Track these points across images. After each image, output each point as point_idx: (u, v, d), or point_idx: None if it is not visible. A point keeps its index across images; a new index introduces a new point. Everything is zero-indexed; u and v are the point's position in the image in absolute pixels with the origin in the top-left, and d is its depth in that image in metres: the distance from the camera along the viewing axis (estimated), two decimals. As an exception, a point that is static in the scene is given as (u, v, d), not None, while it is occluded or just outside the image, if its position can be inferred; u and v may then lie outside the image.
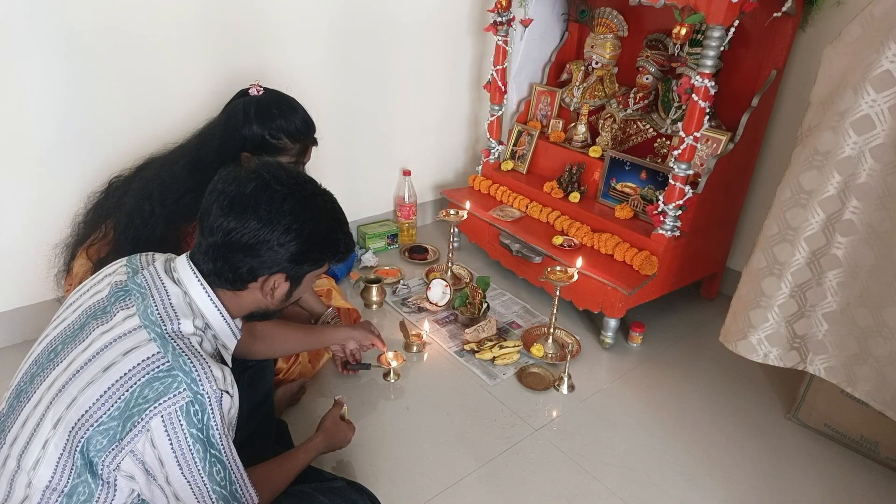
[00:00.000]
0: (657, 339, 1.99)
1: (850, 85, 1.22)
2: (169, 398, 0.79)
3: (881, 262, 1.28)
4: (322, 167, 2.28)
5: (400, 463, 1.46)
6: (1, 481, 0.83)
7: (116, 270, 0.96)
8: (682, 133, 1.70)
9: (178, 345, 0.84)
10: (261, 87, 1.41)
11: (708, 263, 2.13)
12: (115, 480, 0.80)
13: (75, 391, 0.81)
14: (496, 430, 1.57)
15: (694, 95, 1.65)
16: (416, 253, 2.49)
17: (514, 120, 2.56)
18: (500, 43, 2.26)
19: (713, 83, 1.63)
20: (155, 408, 0.78)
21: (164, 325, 0.85)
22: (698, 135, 1.70)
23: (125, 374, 0.80)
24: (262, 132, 1.37)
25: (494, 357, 1.82)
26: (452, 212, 2.17)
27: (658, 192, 1.93)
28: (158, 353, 0.82)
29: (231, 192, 0.89)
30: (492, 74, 2.33)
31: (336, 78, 2.21)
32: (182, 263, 0.95)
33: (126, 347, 0.83)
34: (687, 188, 1.77)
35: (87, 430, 0.78)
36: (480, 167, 2.51)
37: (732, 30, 1.57)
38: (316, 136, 1.48)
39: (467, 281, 2.25)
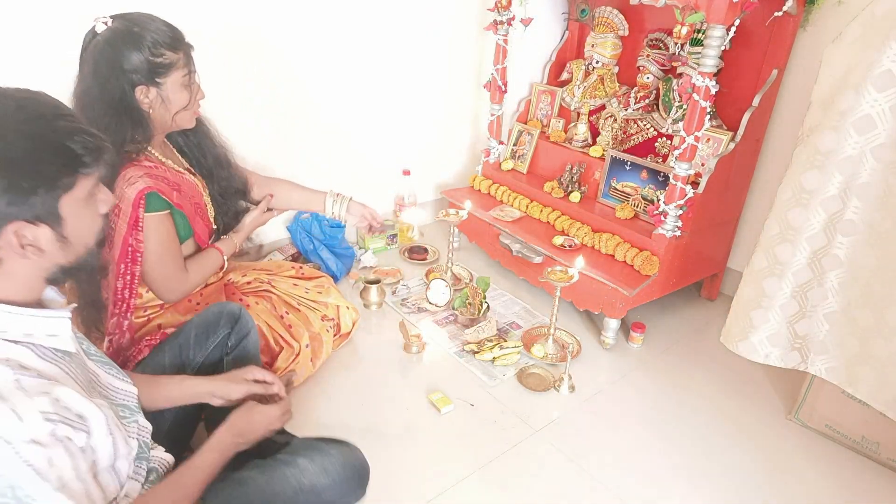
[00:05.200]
0: (658, 340, 1.98)
1: (851, 85, 1.21)
2: None
3: (882, 262, 1.27)
4: (322, 167, 2.29)
5: (400, 463, 1.45)
6: None
7: None
8: (682, 133, 1.70)
9: None
10: (107, 17, 1.24)
11: (709, 264, 2.12)
12: None
13: None
14: (496, 431, 1.57)
15: (695, 95, 1.64)
16: (416, 253, 2.49)
17: (515, 119, 2.56)
18: (500, 42, 2.25)
19: (714, 82, 1.63)
20: None
21: None
22: (699, 134, 1.69)
23: None
24: (143, 56, 1.24)
25: (494, 358, 1.81)
26: (452, 212, 2.17)
27: (659, 191, 1.92)
28: None
29: None
30: (492, 74, 2.33)
31: (336, 78, 2.21)
32: None
33: None
34: (688, 188, 1.76)
35: None
36: (480, 167, 2.50)
37: (733, 29, 1.57)
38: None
39: (467, 281, 2.25)
